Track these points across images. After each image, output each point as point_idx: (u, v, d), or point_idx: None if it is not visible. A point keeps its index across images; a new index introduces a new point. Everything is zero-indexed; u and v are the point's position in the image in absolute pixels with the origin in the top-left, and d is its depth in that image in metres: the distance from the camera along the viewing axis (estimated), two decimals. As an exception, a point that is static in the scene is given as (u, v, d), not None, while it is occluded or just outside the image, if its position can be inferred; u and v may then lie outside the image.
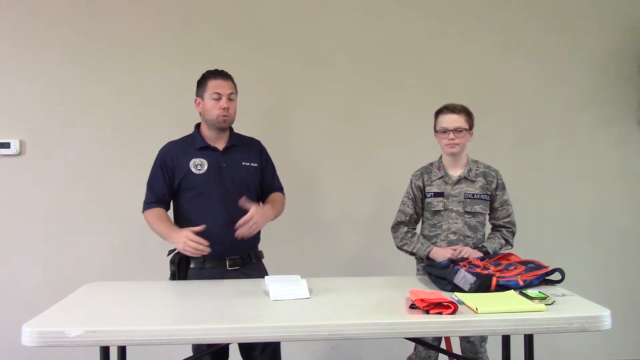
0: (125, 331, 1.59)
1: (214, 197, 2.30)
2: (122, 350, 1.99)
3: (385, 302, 1.84)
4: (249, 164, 2.40)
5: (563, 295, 1.88)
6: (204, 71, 2.43)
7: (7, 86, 3.05)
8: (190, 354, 2.18)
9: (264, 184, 2.48)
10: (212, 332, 1.62)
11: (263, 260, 2.47)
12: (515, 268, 2.04)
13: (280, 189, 2.54)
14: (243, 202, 2.24)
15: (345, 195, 3.22)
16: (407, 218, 2.49)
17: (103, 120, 3.10)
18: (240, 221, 2.21)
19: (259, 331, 1.63)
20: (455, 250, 2.28)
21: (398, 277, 2.26)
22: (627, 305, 3.27)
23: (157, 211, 2.34)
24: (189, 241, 2.14)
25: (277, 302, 1.84)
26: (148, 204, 2.37)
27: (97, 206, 3.10)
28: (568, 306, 1.76)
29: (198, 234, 2.17)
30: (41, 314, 1.70)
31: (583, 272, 3.15)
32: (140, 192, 3.07)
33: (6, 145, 3.03)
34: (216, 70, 2.37)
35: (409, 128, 3.20)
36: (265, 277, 2.03)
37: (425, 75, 3.23)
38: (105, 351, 1.72)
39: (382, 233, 2.65)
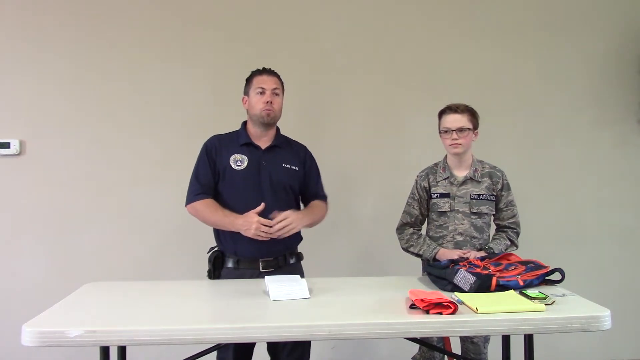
0: (125, 331, 1.59)
1: (250, 195, 2.27)
2: (122, 350, 1.99)
3: (385, 302, 1.84)
4: (289, 166, 2.37)
5: (563, 295, 1.88)
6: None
7: (7, 86, 3.05)
8: (190, 353, 2.17)
9: (307, 190, 2.45)
10: (211, 332, 1.62)
11: (302, 261, 2.45)
12: (515, 268, 2.03)
13: (323, 197, 2.50)
14: (274, 214, 2.22)
15: (350, 196, 3.22)
16: (413, 219, 2.48)
17: (103, 121, 3.10)
18: (275, 220, 2.19)
19: (259, 331, 1.63)
20: (464, 254, 2.27)
21: (398, 277, 2.26)
22: (627, 305, 3.27)
23: (209, 201, 2.29)
24: (261, 225, 2.16)
25: (277, 302, 1.84)
26: (196, 195, 2.30)
27: (97, 206, 3.10)
28: (568, 306, 1.76)
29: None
30: (41, 314, 1.69)
31: (583, 272, 3.15)
32: (140, 192, 3.10)
33: (6, 145, 3.03)
34: (263, 68, 2.39)
35: (412, 128, 3.21)
36: (266, 277, 2.02)
37: (428, 76, 3.23)
38: (105, 351, 1.73)
39: (385, 233, 2.65)
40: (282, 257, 2.33)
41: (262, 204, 2.22)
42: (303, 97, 3.18)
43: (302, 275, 2.25)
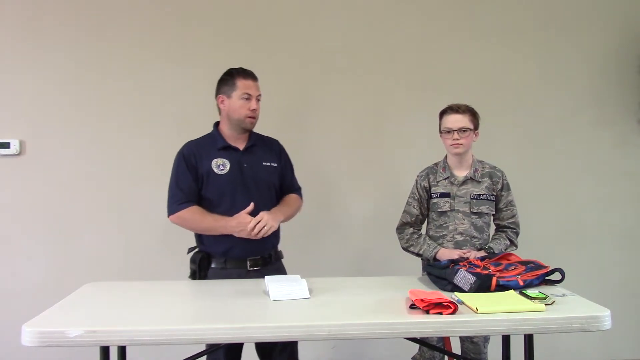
0: (125, 331, 1.59)
1: (237, 197, 2.28)
2: (122, 350, 1.99)
3: (385, 302, 1.84)
4: (269, 163, 2.39)
5: (563, 295, 1.88)
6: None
7: (7, 86, 3.05)
8: (190, 353, 2.18)
9: (283, 184, 2.47)
10: (212, 332, 1.62)
11: (282, 260, 2.46)
12: (515, 268, 2.03)
13: (297, 190, 2.53)
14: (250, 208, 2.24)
15: (349, 196, 3.23)
16: (413, 219, 2.48)
17: (103, 120, 3.10)
18: (252, 223, 2.19)
19: (259, 331, 1.63)
20: (464, 253, 2.27)
21: (398, 277, 2.26)
22: (627, 305, 3.27)
23: (195, 208, 2.27)
24: (253, 225, 2.16)
25: (277, 302, 1.84)
26: (180, 204, 2.27)
27: (97, 206, 3.10)
28: (568, 306, 1.76)
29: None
30: (41, 314, 1.69)
31: (583, 272, 3.15)
32: (140, 192, 3.10)
33: (6, 145, 3.03)
34: (244, 69, 2.35)
35: (411, 128, 3.21)
36: (266, 277, 2.02)
37: (428, 76, 3.23)
38: (105, 351, 1.72)
39: (385, 233, 2.65)
40: (268, 255, 2.35)
41: (252, 204, 2.22)
42: (302, 97, 3.19)
43: (285, 273, 2.28)
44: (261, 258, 2.32)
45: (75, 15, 3.08)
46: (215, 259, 2.30)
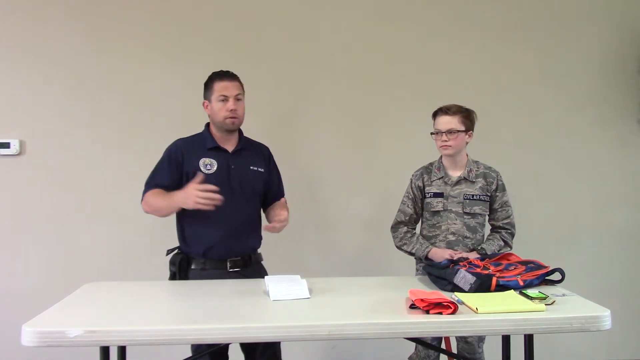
0: (125, 331, 1.59)
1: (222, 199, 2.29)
2: (122, 350, 1.99)
3: (385, 302, 1.84)
4: (256, 168, 2.41)
5: (563, 295, 1.88)
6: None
7: (7, 86, 3.05)
8: (189, 353, 2.18)
9: (270, 190, 2.48)
10: (212, 332, 1.62)
11: (262, 262, 2.47)
12: (515, 268, 2.04)
13: (283, 195, 2.53)
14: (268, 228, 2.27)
15: (346, 196, 3.22)
16: (407, 218, 2.48)
17: (103, 121, 3.10)
18: (276, 221, 2.25)
19: (259, 331, 1.63)
20: (455, 253, 2.27)
21: (398, 277, 2.26)
22: (627, 305, 3.27)
23: (155, 190, 2.28)
24: (199, 192, 2.12)
25: (277, 302, 1.84)
26: (144, 193, 2.32)
27: (97, 206, 3.10)
28: (568, 306, 1.76)
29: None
30: (41, 314, 1.69)
31: (583, 272, 3.15)
32: (140, 192, 3.08)
33: (6, 145, 3.02)
34: (222, 71, 2.36)
35: (409, 128, 3.20)
36: (265, 277, 2.03)
37: (426, 76, 3.23)
38: (105, 351, 1.72)
39: (383, 233, 2.65)
40: (248, 256, 2.36)
41: (200, 175, 2.21)
42: (298, 97, 3.19)
43: (266, 274, 2.28)
44: (241, 259, 2.33)
45: (74, 15, 3.07)
46: (195, 260, 2.31)
